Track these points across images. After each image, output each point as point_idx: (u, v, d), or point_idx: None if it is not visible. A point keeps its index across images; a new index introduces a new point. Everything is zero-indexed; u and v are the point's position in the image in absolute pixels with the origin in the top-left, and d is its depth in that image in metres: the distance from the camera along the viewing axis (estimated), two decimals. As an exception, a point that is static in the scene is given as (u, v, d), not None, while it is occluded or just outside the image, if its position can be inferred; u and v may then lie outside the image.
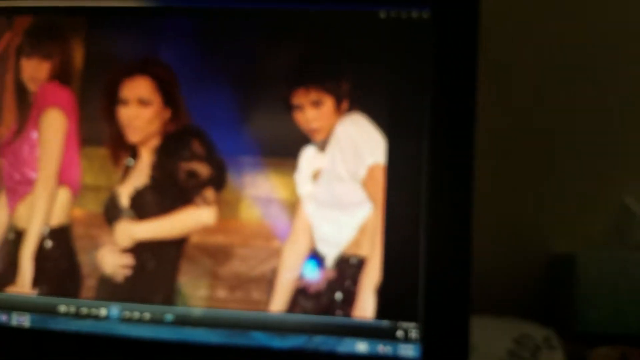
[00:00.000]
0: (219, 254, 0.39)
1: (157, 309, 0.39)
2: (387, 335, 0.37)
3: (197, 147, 0.40)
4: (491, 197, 0.59)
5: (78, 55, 0.43)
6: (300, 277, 0.39)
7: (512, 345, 0.47)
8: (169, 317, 0.39)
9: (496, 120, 0.59)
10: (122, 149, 0.41)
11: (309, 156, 0.39)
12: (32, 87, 0.43)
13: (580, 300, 0.53)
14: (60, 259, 0.41)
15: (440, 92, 0.38)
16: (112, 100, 0.42)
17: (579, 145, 0.61)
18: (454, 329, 0.37)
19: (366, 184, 0.39)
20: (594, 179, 0.61)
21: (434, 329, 0.37)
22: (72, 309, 0.40)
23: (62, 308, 0.40)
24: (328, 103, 0.39)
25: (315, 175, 0.39)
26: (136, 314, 0.39)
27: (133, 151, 0.41)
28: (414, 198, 0.38)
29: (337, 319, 0.38)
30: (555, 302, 0.57)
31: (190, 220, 0.39)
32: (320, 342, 0.38)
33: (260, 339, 0.38)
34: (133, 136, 0.41)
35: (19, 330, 0.40)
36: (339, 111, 0.39)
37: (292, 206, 0.39)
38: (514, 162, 0.61)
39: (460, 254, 0.37)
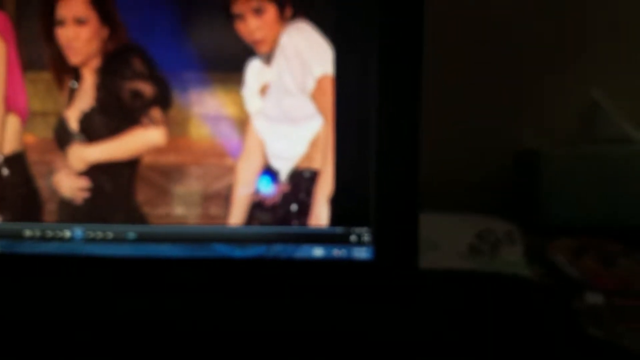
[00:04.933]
0: (172, 173, 0.40)
1: (119, 227, 0.40)
2: (341, 240, 0.39)
3: (138, 65, 0.39)
4: (454, 95, 0.59)
5: (7, -26, 0.40)
6: (256, 192, 0.40)
7: (474, 240, 0.49)
8: (132, 235, 0.40)
9: (455, 16, 0.57)
10: (64, 71, 0.40)
11: (254, 70, 0.38)
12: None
13: (543, 194, 0.54)
14: (19, 186, 0.41)
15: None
16: (49, 21, 0.40)
17: (544, 38, 0.60)
18: (403, 231, 0.39)
19: (315, 96, 0.38)
20: (560, 73, 0.60)
21: (384, 232, 0.39)
22: (37, 233, 0.41)
23: (28, 232, 0.41)
24: (270, 10, 0.38)
25: (263, 90, 0.39)
26: (99, 234, 0.40)
27: (76, 73, 0.40)
28: (363, 108, 0.38)
29: (294, 228, 0.39)
30: (520, 197, 0.59)
31: (139, 141, 0.39)
32: (279, 249, 0.40)
33: (221, 250, 0.40)
34: (74, 57, 0.40)
35: (-10, 256, 0.41)
36: (283, 19, 0.38)
37: (242, 123, 0.39)
38: (476, 57, 0.60)
39: (407, 161, 0.38)
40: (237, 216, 0.40)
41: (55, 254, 0.41)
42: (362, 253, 0.39)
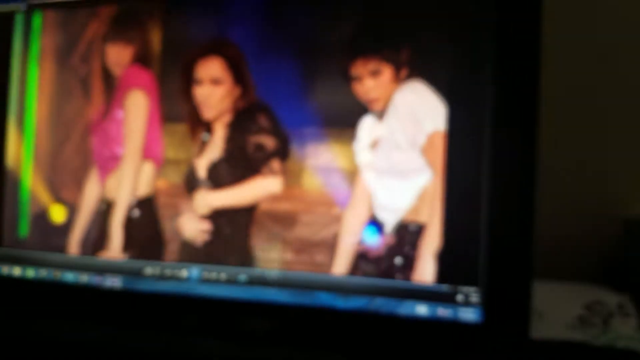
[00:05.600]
0: (285, 220, 0.42)
1: (232, 270, 0.43)
2: (447, 298, 0.38)
3: (263, 121, 0.43)
4: (566, 159, 0.57)
5: (156, 40, 0.47)
6: (361, 242, 0.40)
7: (583, 311, 0.46)
8: (243, 277, 0.42)
9: (567, 80, 0.56)
10: (198, 125, 0.45)
11: (367, 125, 0.41)
12: (116, 71, 0.48)
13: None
14: (146, 226, 0.46)
15: (502, 57, 0.38)
16: (188, 80, 0.45)
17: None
18: (515, 293, 0.37)
19: (426, 151, 0.39)
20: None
21: (495, 293, 0.37)
22: (157, 271, 0.44)
23: (149, 270, 0.45)
24: (387, 72, 0.40)
25: (374, 144, 0.41)
26: (213, 275, 0.43)
27: (208, 127, 0.45)
28: (475, 164, 0.38)
29: (397, 282, 0.39)
30: (631, 268, 0.54)
31: (259, 189, 0.42)
32: (381, 303, 0.39)
33: (324, 299, 0.40)
34: (208, 113, 0.45)
35: (112, 291, 0.45)
36: (398, 79, 0.40)
37: (352, 174, 0.41)
38: (588, 121, 0.58)
39: (522, 219, 0.37)
40: (341, 265, 0.41)
41: (171, 292, 0.44)
42: (469, 314, 0.38)
